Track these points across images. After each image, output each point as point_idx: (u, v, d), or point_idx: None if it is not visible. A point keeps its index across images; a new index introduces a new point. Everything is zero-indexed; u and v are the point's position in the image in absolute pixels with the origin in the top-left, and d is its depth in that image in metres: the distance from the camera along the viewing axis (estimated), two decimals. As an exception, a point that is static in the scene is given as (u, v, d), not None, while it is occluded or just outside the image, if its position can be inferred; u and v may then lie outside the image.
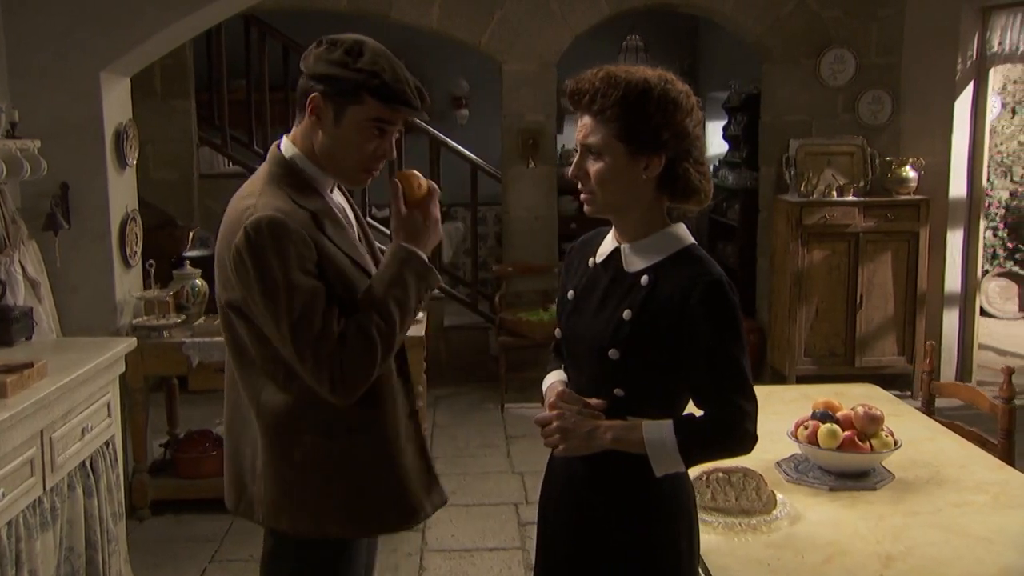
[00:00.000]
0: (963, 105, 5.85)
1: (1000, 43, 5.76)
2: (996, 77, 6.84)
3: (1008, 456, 2.78)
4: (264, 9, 5.60)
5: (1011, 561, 2.03)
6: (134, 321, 4.16)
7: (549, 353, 2.14)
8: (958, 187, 5.90)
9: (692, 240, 1.85)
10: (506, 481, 4.74)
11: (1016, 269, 8.21)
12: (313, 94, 1.94)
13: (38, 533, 2.82)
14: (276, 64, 6.49)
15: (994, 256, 8.19)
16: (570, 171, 1.83)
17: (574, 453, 1.83)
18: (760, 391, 1.83)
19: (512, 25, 6.00)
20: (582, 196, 1.84)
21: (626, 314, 1.77)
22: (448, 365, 6.53)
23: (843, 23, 6.02)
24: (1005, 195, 8.31)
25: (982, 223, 6.08)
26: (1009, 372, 2.84)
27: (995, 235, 8.14)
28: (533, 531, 4.14)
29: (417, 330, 4.32)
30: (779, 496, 2.29)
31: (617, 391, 1.81)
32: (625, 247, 1.85)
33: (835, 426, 2.45)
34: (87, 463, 3.18)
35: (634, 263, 1.82)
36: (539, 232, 6.24)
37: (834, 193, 5.75)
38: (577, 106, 1.80)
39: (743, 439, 1.79)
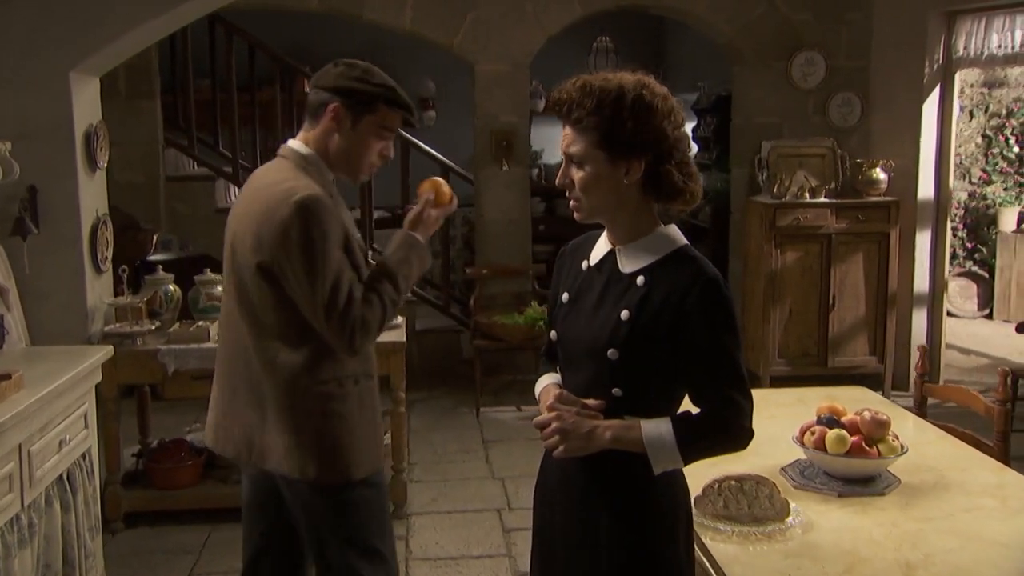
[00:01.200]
0: (930, 108, 5.92)
1: (965, 47, 5.84)
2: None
3: (1005, 458, 2.79)
4: (232, 8, 5.48)
5: (1029, 566, 2.03)
6: (106, 328, 4.03)
7: (541, 357, 2.16)
8: (926, 188, 5.97)
9: (685, 241, 1.88)
10: (487, 487, 4.68)
11: (975, 269, 8.36)
12: (334, 104, 2.36)
13: (16, 551, 2.71)
14: (242, 64, 6.36)
15: (954, 256, 8.33)
16: (557, 179, 1.88)
17: (574, 454, 1.83)
18: (755, 395, 1.85)
19: (485, 26, 5.95)
20: (571, 203, 1.88)
21: (624, 314, 1.80)
22: (420, 369, 6.45)
23: (813, 26, 6.06)
24: (964, 196, 8.46)
25: (949, 224, 6.16)
26: (1005, 374, 2.86)
27: (955, 235, 8.28)
28: (519, 538, 4.12)
29: (398, 335, 4.26)
30: (792, 504, 2.27)
31: (615, 391, 1.83)
32: (619, 249, 1.88)
33: (843, 431, 2.44)
34: (64, 477, 3.07)
35: (629, 264, 1.86)
36: (513, 234, 6.19)
37: (806, 195, 5.79)
38: (558, 116, 1.84)
39: (740, 435, 1.83)
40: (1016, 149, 8.44)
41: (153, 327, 4.08)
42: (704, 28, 6.23)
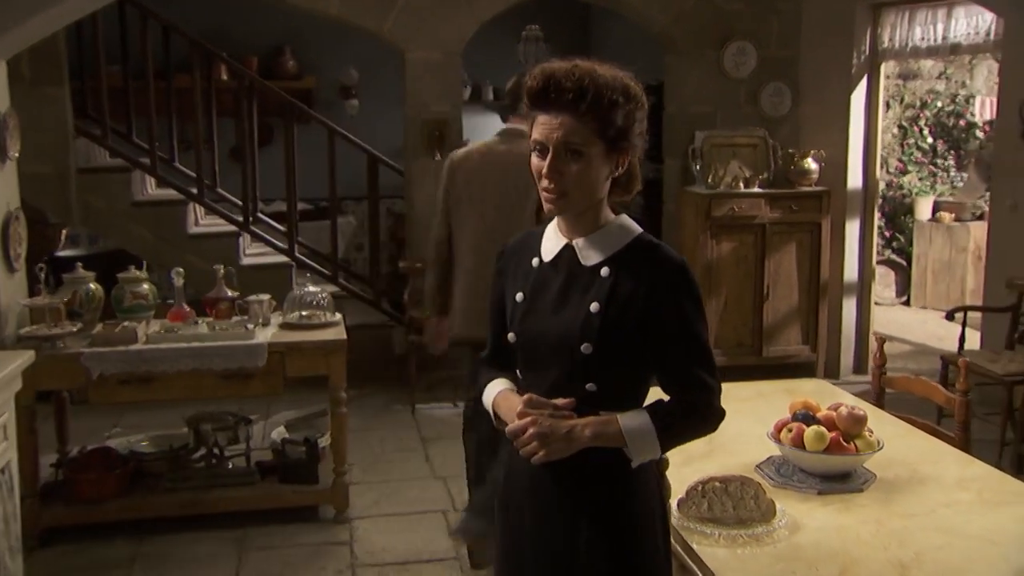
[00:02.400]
0: (858, 98, 6.00)
1: (890, 39, 5.93)
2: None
3: (967, 448, 2.79)
4: (148, -11, 5.20)
5: (1020, 561, 2.01)
6: (22, 331, 3.75)
7: (478, 365, 2.07)
8: (855, 178, 6.05)
9: (640, 229, 1.87)
10: (430, 487, 4.55)
11: (893, 257, 8.55)
12: None
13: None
14: (156, 49, 6.03)
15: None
16: (544, 170, 1.77)
17: (556, 457, 1.78)
18: None
19: (416, 12, 5.77)
20: (550, 196, 1.79)
21: (593, 307, 1.78)
22: (351, 366, 6.21)
23: (744, 16, 6.07)
24: (882, 186, 8.63)
25: (876, 213, 6.26)
26: (965, 365, 2.86)
27: (873, 224, 8.46)
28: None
29: (337, 332, 4.09)
30: (778, 505, 2.21)
31: (589, 386, 1.80)
32: (579, 242, 1.84)
33: (822, 428, 2.39)
34: (-16, 494, 2.83)
35: (591, 257, 1.82)
36: (446, 226, 6.04)
37: (741, 185, 5.80)
38: (553, 103, 1.75)
39: (714, 417, 1.85)
40: (930, 140, 8.66)
41: (74, 329, 3.81)
42: (637, 17, 6.18)
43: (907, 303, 8.46)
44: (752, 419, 2.71)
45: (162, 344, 3.77)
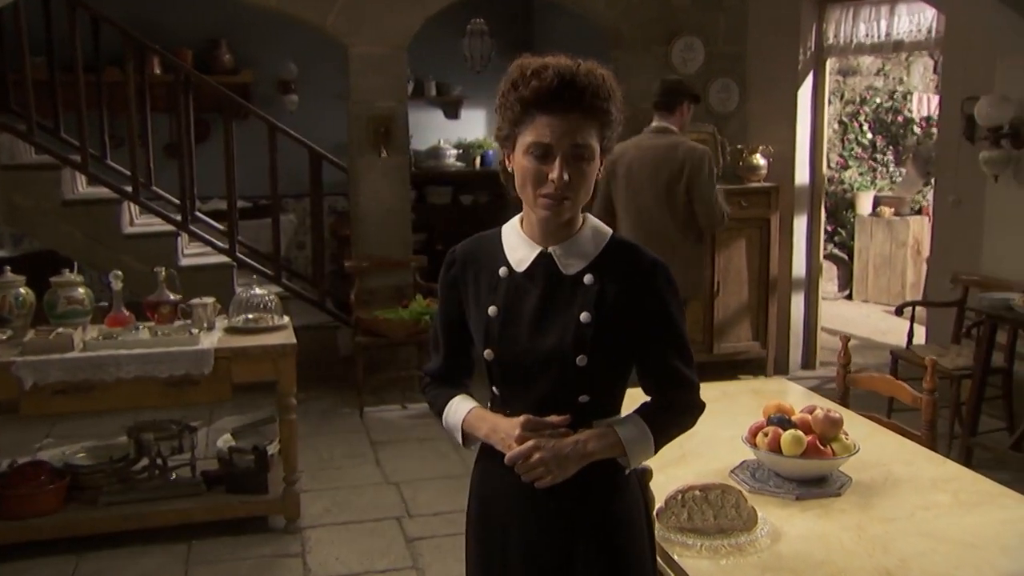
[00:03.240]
0: (805, 94, 6.02)
1: (835, 36, 5.96)
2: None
3: (933, 447, 2.78)
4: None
5: (1006, 567, 1.98)
6: (-53, 340, 3.54)
7: (430, 383, 1.95)
8: (802, 174, 6.07)
9: (610, 229, 1.82)
10: (383, 493, 4.42)
11: (835, 251, 8.64)
12: (684, 101, 4.64)
13: None
14: (85, 40, 5.76)
15: (814, 239, 8.59)
16: (555, 176, 1.65)
17: (562, 479, 1.71)
18: None
19: (360, 5, 5.62)
20: (552, 203, 1.68)
21: (584, 316, 1.71)
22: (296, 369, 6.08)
23: (692, 11, 6.05)
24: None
25: (823, 208, 6.30)
26: (933, 364, 2.84)
27: (816, 219, 8.55)
28: (424, 547, 3.88)
29: (286, 336, 3.94)
30: (760, 513, 2.14)
31: (582, 398, 1.74)
32: (556, 250, 1.76)
33: (798, 432, 2.34)
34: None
35: (571, 264, 1.75)
36: (392, 225, 5.91)
37: (690, 181, 5.76)
38: (566, 102, 1.65)
39: (697, 411, 1.85)
40: (869, 135, 8.78)
41: (3, 337, 3.60)
42: (583, 11, 6.12)
43: (849, 297, 8.57)
44: (721, 421, 2.65)
45: (102, 351, 3.59)
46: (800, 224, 6.10)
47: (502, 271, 1.79)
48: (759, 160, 5.90)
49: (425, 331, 5.55)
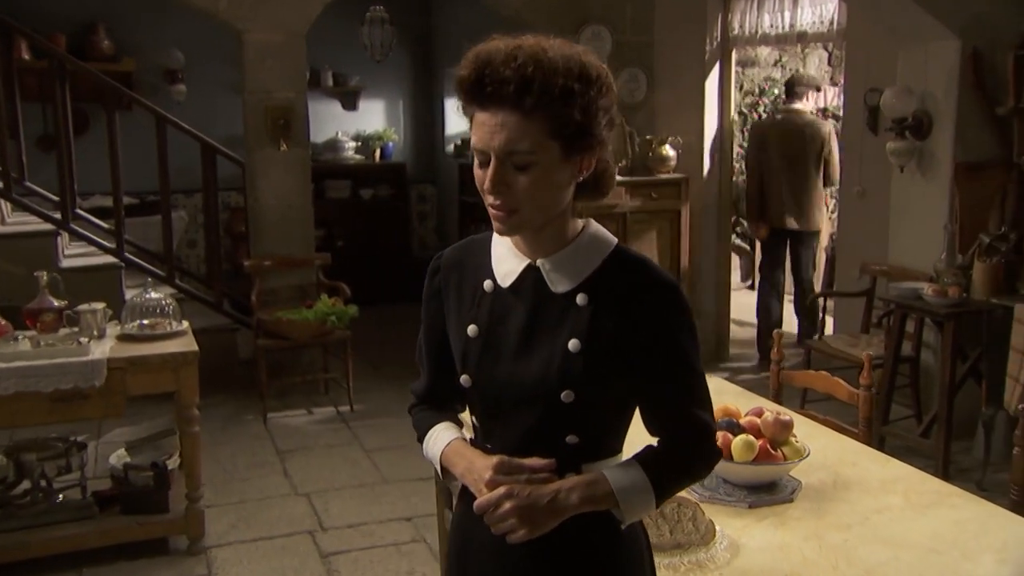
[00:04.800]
0: (712, 85, 6.01)
1: (740, 26, 5.97)
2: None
3: (870, 443, 2.74)
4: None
5: (970, 571, 1.91)
6: None
7: (416, 404, 1.69)
8: (711, 164, 6.06)
9: (615, 239, 1.53)
10: (292, 505, 4.17)
11: (738, 242, 8.70)
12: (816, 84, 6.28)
13: None
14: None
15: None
16: (487, 184, 1.39)
17: (538, 533, 1.42)
18: None
19: (255, -11, 5.32)
20: (497, 214, 1.41)
21: (572, 345, 1.43)
22: (191, 374, 5.75)
23: (598, 0, 5.95)
24: (723, 171, 8.80)
25: (731, 199, 6.30)
26: (869, 359, 2.80)
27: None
28: (339, 562, 3.64)
29: (186, 343, 3.66)
30: (717, 526, 2.03)
31: (570, 438, 1.46)
32: (544, 263, 1.48)
33: (749, 437, 2.23)
34: None
35: (561, 282, 1.47)
36: (293, 222, 5.64)
37: (601, 173, 5.68)
38: (491, 97, 1.36)
39: (711, 457, 1.55)
40: (767, 126, 8.87)
41: None
42: (489, -1, 5.96)
43: (752, 287, 8.65)
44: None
45: (-25, 366, 3.24)
46: (710, 215, 6.09)
47: (487, 284, 1.52)
48: (668, 151, 5.86)
49: (331, 332, 5.31)
